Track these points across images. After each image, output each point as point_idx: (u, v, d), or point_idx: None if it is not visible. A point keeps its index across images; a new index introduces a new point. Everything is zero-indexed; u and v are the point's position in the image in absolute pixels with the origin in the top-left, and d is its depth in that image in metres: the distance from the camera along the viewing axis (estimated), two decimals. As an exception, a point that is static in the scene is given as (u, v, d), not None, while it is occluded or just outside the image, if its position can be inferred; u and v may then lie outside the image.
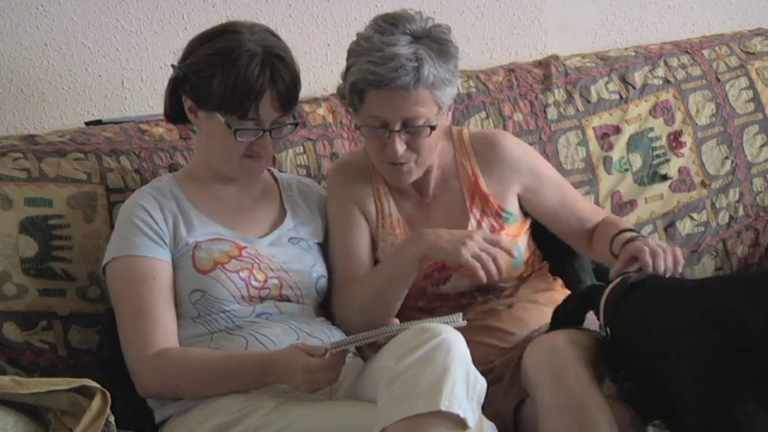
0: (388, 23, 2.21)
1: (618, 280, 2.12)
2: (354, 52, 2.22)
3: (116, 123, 2.51)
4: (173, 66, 2.23)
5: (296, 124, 2.26)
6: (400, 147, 2.21)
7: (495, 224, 2.35)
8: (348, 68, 2.23)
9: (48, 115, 2.62)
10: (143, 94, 2.70)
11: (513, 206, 2.39)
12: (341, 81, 2.26)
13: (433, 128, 2.22)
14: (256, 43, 2.17)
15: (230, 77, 2.13)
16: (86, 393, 1.90)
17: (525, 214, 2.42)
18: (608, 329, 2.08)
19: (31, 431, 1.90)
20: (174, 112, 2.28)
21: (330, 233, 2.37)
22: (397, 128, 2.20)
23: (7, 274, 2.24)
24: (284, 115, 2.20)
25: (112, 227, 2.29)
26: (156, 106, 2.68)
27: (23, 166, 2.31)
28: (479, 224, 2.34)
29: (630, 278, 2.10)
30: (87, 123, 2.58)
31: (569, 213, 2.42)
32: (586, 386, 1.99)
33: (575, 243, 2.46)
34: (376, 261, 2.36)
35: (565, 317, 2.17)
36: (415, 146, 2.23)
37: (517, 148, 2.43)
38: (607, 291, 2.10)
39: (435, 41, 2.21)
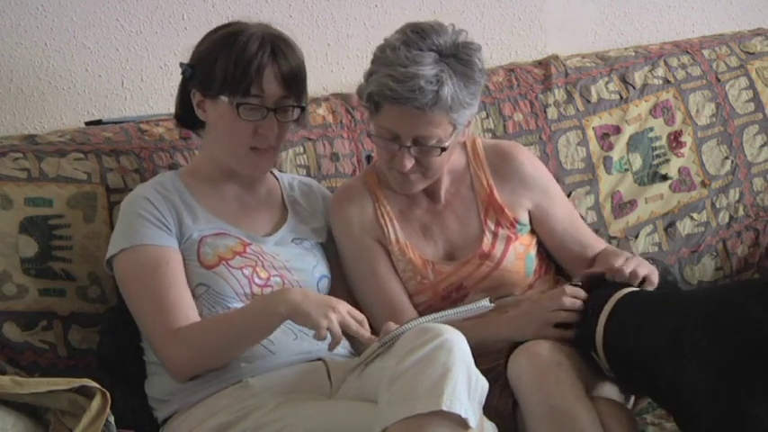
0: (417, 35, 2.17)
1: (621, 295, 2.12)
2: (378, 59, 2.19)
3: (116, 123, 2.51)
4: (181, 64, 2.23)
5: (302, 108, 2.24)
6: (408, 162, 2.20)
7: (510, 234, 2.34)
8: (370, 74, 2.20)
9: (48, 115, 2.62)
10: (143, 94, 2.70)
11: (524, 218, 2.38)
12: (363, 82, 2.24)
13: (443, 149, 2.20)
14: (259, 29, 2.20)
15: (231, 56, 2.16)
16: (86, 393, 1.90)
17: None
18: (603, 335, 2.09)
19: (31, 431, 1.90)
20: (184, 113, 2.29)
21: (351, 271, 2.35)
22: (408, 144, 2.19)
23: (7, 274, 2.23)
24: (289, 97, 2.20)
25: (112, 227, 2.28)
26: (156, 106, 2.69)
27: (23, 166, 2.30)
28: (495, 235, 2.33)
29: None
30: (87, 123, 2.58)
31: (574, 237, 2.40)
32: (568, 392, 2.00)
33: (573, 268, 2.41)
34: None
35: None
36: (424, 162, 2.22)
37: (531, 164, 2.42)
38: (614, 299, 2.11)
39: (461, 63, 2.18)
